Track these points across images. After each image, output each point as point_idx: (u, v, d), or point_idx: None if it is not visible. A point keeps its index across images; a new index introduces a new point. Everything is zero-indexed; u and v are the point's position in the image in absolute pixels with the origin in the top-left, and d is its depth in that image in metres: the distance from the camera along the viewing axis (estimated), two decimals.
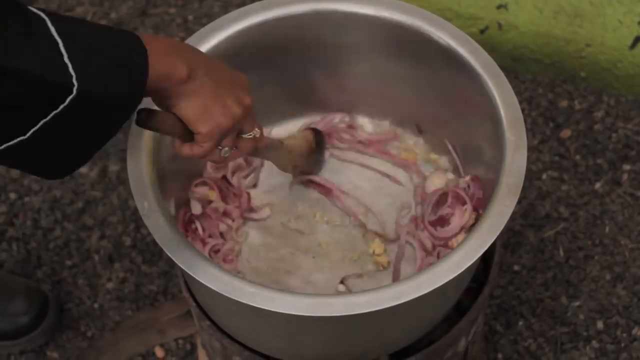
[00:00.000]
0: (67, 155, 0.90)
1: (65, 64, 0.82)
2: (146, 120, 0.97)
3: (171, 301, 1.65)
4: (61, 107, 0.83)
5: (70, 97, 0.83)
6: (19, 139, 0.84)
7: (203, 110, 0.98)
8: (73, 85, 0.82)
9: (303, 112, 1.38)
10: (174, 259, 1.05)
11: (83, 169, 1.80)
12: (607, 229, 1.73)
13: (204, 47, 1.22)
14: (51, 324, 1.63)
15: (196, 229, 1.24)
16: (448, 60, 1.22)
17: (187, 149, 1.02)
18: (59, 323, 1.66)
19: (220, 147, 1.03)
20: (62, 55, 0.82)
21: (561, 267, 1.69)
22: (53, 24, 0.83)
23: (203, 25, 1.98)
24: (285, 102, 1.36)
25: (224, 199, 1.28)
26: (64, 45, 0.83)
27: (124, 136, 1.83)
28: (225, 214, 1.28)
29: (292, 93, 1.35)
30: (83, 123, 0.87)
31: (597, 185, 1.77)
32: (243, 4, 2.03)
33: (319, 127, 1.35)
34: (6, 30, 0.79)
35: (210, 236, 1.24)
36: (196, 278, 1.04)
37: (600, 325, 1.63)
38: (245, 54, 1.25)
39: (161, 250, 1.34)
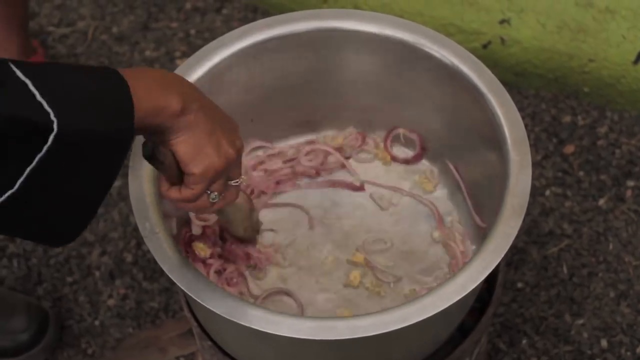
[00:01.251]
0: (67, 210, 0.85)
1: (39, 102, 0.77)
2: (153, 152, 0.93)
3: (172, 319, 1.64)
4: (45, 148, 0.78)
5: (52, 134, 0.78)
6: (7, 193, 0.78)
7: (197, 148, 0.94)
8: (52, 121, 0.78)
9: (304, 129, 1.37)
10: (175, 281, 1.04)
11: None
12: (611, 246, 1.72)
13: (207, 65, 1.21)
14: (51, 341, 1.62)
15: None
16: (451, 78, 1.21)
17: (175, 193, 0.98)
18: (59, 340, 1.65)
19: (209, 192, 0.99)
20: (33, 95, 0.78)
21: (565, 284, 1.68)
22: (18, 68, 0.79)
23: (205, 39, 1.99)
24: (286, 119, 1.35)
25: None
26: (34, 85, 0.78)
27: None
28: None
29: (293, 110, 1.34)
30: (74, 167, 0.82)
31: (601, 202, 1.76)
32: (245, 18, 2.03)
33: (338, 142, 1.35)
34: None
35: (211, 257, 1.23)
36: (198, 301, 1.03)
37: (604, 343, 1.62)
38: (247, 71, 1.25)
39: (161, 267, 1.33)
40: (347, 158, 1.36)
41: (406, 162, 1.36)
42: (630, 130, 1.84)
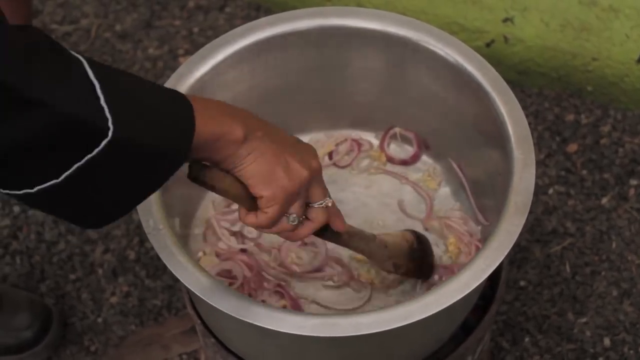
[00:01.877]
0: (104, 205, 0.86)
1: (102, 107, 0.79)
2: (198, 173, 0.93)
3: (175, 317, 1.64)
4: (95, 151, 0.79)
5: (105, 141, 0.79)
6: (51, 182, 0.80)
7: (264, 171, 0.93)
8: (108, 128, 0.79)
9: (309, 127, 1.37)
10: (179, 278, 1.04)
11: None
12: (614, 245, 1.72)
13: (210, 62, 1.22)
14: (54, 339, 1.62)
15: None
16: (455, 76, 1.21)
17: (252, 218, 0.97)
18: (62, 337, 1.65)
19: (287, 214, 0.97)
20: (98, 98, 0.79)
21: (568, 283, 1.68)
22: (91, 68, 0.80)
23: (208, 37, 1.99)
24: (290, 118, 1.35)
25: None
26: (101, 88, 0.79)
27: None
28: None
29: (298, 108, 1.34)
30: (120, 173, 0.83)
31: (604, 201, 1.76)
32: (248, 16, 2.03)
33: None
34: (42, 66, 0.77)
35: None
36: (202, 297, 1.03)
37: (607, 342, 1.62)
38: (251, 69, 1.25)
39: (165, 264, 1.33)
40: (344, 167, 1.36)
41: (404, 163, 1.35)
42: (634, 128, 1.84)
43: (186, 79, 1.19)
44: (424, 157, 1.36)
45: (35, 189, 0.80)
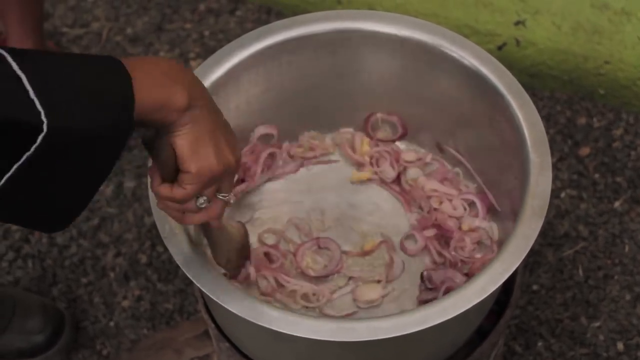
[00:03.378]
0: (58, 201, 0.82)
1: (32, 100, 0.74)
2: (154, 140, 0.90)
3: (188, 321, 1.64)
4: (33, 148, 0.75)
5: (41, 135, 0.75)
6: None
7: (197, 146, 0.90)
8: (42, 122, 0.74)
9: (324, 130, 1.37)
10: (195, 282, 1.04)
11: None
12: (626, 248, 1.71)
13: (226, 66, 1.21)
14: (67, 343, 1.62)
15: None
16: (470, 80, 1.21)
17: (165, 190, 0.94)
18: (74, 341, 1.65)
19: (198, 196, 0.95)
20: (27, 91, 0.74)
21: (580, 287, 1.67)
22: (14, 59, 0.75)
23: (219, 40, 1.99)
24: (303, 119, 1.35)
25: None
26: (29, 80, 0.75)
27: (139, 152, 1.83)
28: None
29: (312, 111, 1.34)
30: (66, 163, 0.79)
31: (617, 204, 1.76)
32: (259, 20, 2.03)
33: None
34: None
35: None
36: (218, 302, 1.03)
37: (620, 346, 1.61)
38: (265, 72, 1.25)
39: (177, 268, 1.32)
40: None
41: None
42: None
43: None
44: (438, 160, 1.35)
45: None
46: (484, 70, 1.19)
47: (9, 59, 0.75)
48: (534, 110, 1.16)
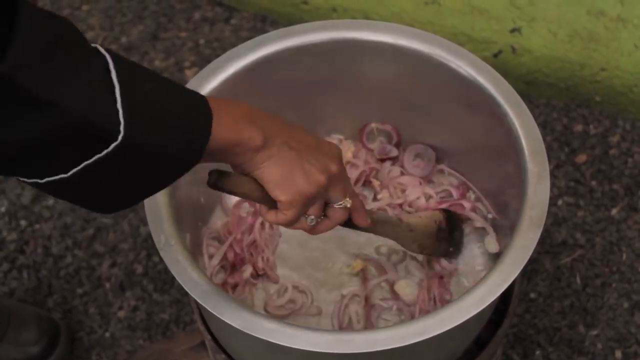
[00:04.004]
0: (112, 197, 0.86)
1: (117, 110, 0.78)
2: (217, 181, 0.95)
3: (184, 332, 1.63)
4: (104, 152, 0.79)
5: (114, 144, 0.79)
6: (60, 176, 0.80)
7: (282, 177, 0.95)
8: (119, 132, 0.79)
9: None
10: (191, 293, 1.03)
11: None
12: (624, 256, 1.71)
13: (221, 76, 1.21)
14: (62, 354, 1.61)
15: None
16: (467, 89, 1.20)
17: (272, 216, 0.99)
18: (70, 352, 1.64)
19: (306, 216, 1.00)
20: (115, 101, 0.78)
21: (578, 295, 1.67)
22: (115, 67, 0.79)
23: (214, 49, 1.98)
24: None
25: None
26: (121, 91, 0.79)
27: None
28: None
29: (308, 121, 1.33)
30: (129, 172, 0.83)
31: (614, 212, 1.75)
32: (254, 28, 2.02)
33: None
34: (59, 64, 0.76)
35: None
36: (214, 313, 1.02)
37: (618, 354, 1.61)
38: (261, 82, 1.24)
39: (173, 278, 1.31)
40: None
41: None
42: None
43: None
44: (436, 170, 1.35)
45: (44, 180, 0.81)
46: (480, 79, 1.18)
47: (111, 66, 0.79)
48: (531, 118, 1.15)
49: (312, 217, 1.00)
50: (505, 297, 1.30)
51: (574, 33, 1.81)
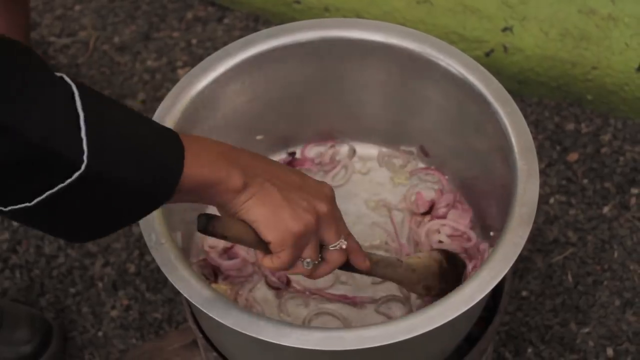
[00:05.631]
0: (84, 226, 0.85)
1: (80, 139, 0.77)
2: (206, 225, 0.93)
3: (176, 330, 1.63)
4: (67, 182, 0.77)
5: (77, 173, 0.77)
6: (24, 204, 0.78)
7: (268, 216, 0.92)
8: (82, 162, 0.77)
9: (310, 139, 1.36)
10: (182, 292, 1.04)
11: None
12: (615, 254, 1.71)
13: (212, 75, 1.21)
14: (55, 353, 1.61)
15: None
16: (458, 87, 1.21)
17: (268, 262, 0.97)
18: (62, 352, 1.64)
19: (302, 259, 0.97)
20: (79, 129, 0.77)
21: (570, 292, 1.67)
22: (82, 97, 0.78)
23: (206, 49, 1.98)
24: (291, 129, 1.35)
25: None
26: (85, 120, 0.77)
27: None
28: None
29: (298, 120, 1.33)
30: (97, 204, 0.81)
31: (605, 210, 1.76)
32: (246, 28, 2.03)
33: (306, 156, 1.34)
34: (22, 91, 0.74)
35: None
36: (205, 311, 1.02)
37: (610, 352, 1.61)
38: (252, 81, 1.24)
39: (166, 277, 1.32)
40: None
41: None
42: (634, 137, 1.84)
43: (187, 91, 1.19)
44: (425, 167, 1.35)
45: (8, 208, 0.79)
46: (471, 78, 1.19)
47: (76, 94, 0.78)
48: (521, 117, 1.16)
49: (309, 260, 0.98)
50: (496, 295, 1.30)
51: (565, 32, 1.82)
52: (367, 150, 1.37)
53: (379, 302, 1.24)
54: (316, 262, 0.99)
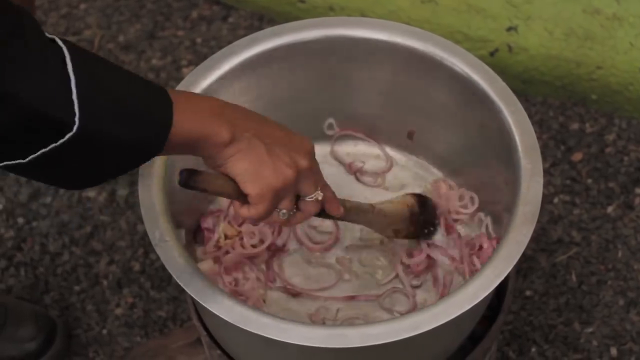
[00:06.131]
0: (77, 177, 0.88)
1: (72, 101, 0.80)
2: (187, 180, 0.95)
3: (180, 328, 1.64)
4: (60, 141, 0.81)
5: (70, 134, 0.81)
6: (17, 161, 0.82)
7: (251, 170, 0.96)
8: (74, 123, 0.80)
9: (314, 138, 1.36)
10: (186, 289, 1.04)
11: (91, 193, 1.79)
12: (619, 254, 1.71)
13: (216, 73, 1.21)
14: (59, 351, 1.62)
15: None
16: (462, 86, 1.21)
17: (245, 211, 1.00)
18: (67, 349, 1.64)
19: (278, 210, 1.01)
20: (70, 92, 0.80)
21: (574, 292, 1.67)
22: (72, 59, 0.81)
23: (211, 47, 1.99)
24: (295, 128, 1.34)
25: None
26: (76, 83, 0.80)
27: None
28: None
29: (303, 119, 1.33)
30: (90, 159, 0.85)
31: (610, 209, 1.76)
32: (251, 27, 2.03)
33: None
34: (14, 56, 0.77)
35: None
36: (209, 309, 1.02)
37: (614, 352, 1.61)
38: (256, 79, 1.25)
39: (170, 275, 1.32)
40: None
41: None
42: (639, 137, 1.84)
43: (192, 90, 1.19)
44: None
45: (3, 163, 0.83)
46: (475, 77, 1.19)
47: (67, 57, 0.81)
48: (525, 116, 1.16)
49: (284, 210, 1.01)
50: (500, 293, 1.30)
51: (570, 31, 1.82)
52: (371, 149, 1.37)
53: (382, 296, 1.24)
54: (292, 212, 1.03)
